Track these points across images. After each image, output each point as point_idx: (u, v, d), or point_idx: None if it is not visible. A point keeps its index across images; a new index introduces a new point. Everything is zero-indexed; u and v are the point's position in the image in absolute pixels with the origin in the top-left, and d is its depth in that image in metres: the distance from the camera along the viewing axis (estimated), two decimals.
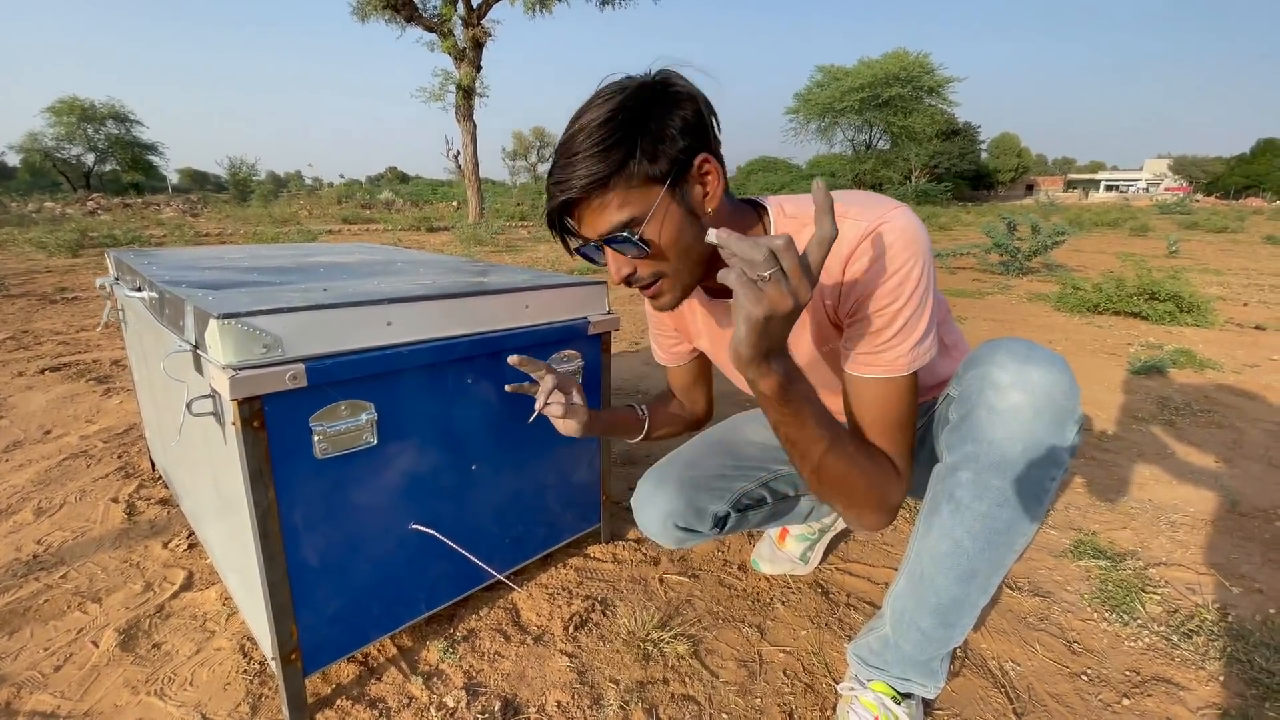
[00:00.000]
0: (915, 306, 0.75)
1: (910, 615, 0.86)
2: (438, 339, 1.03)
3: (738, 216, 0.84)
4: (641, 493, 1.11)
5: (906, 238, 0.74)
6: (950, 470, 0.78)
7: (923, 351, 0.77)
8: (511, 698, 1.05)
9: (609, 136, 0.69)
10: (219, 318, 0.81)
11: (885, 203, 0.78)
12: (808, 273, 0.62)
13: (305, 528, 0.93)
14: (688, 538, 1.10)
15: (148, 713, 1.01)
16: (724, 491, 1.09)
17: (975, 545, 0.78)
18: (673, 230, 0.75)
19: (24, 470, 1.86)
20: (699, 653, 1.15)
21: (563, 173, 0.72)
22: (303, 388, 0.87)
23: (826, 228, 0.63)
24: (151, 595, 1.29)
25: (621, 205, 0.72)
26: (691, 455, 1.14)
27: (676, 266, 0.78)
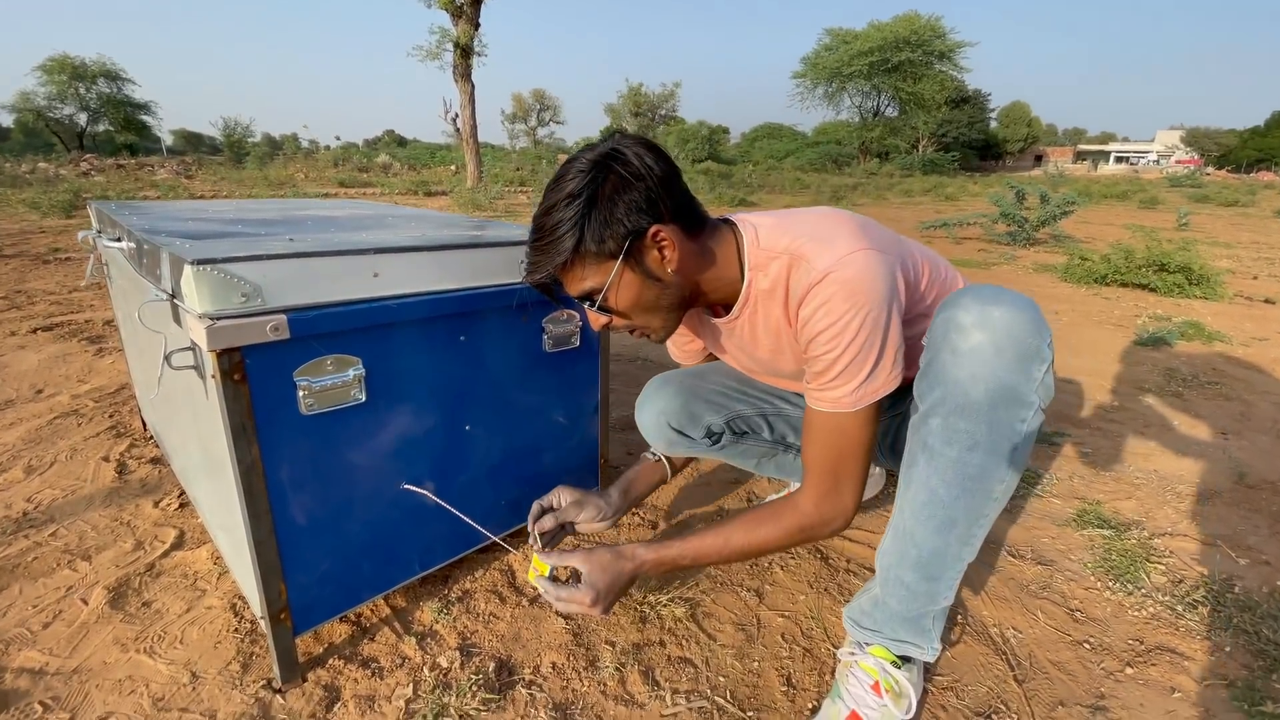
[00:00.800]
0: (855, 354, 0.79)
1: (895, 570, 0.85)
2: (429, 293, 0.98)
3: (705, 263, 0.88)
4: (645, 392, 1.20)
5: (849, 289, 0.78)
6: (922, 418, 0.79)
7: (872, 390, 0.81)
8: (506, 659, 1.03)
9: (563, 227, 0.78)
10: (194, 264, 0.76)
11: (844, 243, 0.80)
12: (600, 600, 0.90)
13: (292, 486, 0.90)
14: (679, 442, 1.15)
15: (137, 670, 0.99)
16: (721, 407, 1.14)
17: (950, 493, 0.77)
18: (632, 295, 0.84)
19: (14, 429, 1.83)
20: (696, 616, 1.13)
21: (532, 255, 0.83)
22: (285, 340, 0.83)
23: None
24: (142, 554, 1.28)
25: (584, 278, 0.82)
26: (700, 369, 1.21)
27: (645, 320, 0.88)
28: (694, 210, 0.86)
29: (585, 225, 0.78)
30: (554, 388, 1.26)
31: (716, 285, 0.90)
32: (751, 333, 0.95)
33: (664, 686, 0.99)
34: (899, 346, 0.82)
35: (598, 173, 0.78)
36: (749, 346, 0.99)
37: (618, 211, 0.78)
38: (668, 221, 0.81)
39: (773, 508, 0.93)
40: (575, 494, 1.10)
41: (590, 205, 0.78)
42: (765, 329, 0.93)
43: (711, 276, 0.89)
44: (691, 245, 0.86)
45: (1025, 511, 1.53)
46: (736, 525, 0.93)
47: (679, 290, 0.87)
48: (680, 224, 0.83)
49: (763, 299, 0.89)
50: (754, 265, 0.88)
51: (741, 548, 0.93)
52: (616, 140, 0.81)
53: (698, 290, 0.90)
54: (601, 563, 0.93)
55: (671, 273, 0.83)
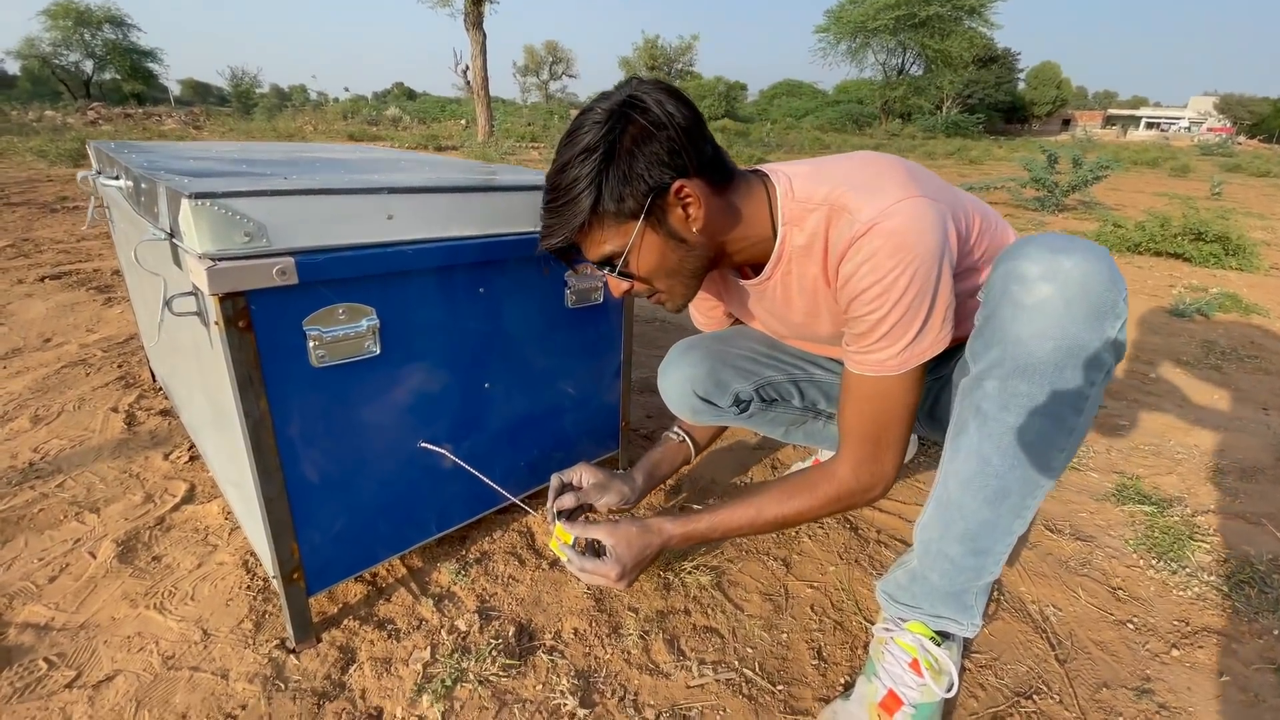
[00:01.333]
0: (902, 313, 0.72)
1: (937, 543, 0.79)
2: (446, 239, 0.91)
3: (733, 220, 0.81)
4: (669, 357, 1.12)
5: (896, 242, 0.70)
6: (975, 382, 0.71)
7: (918, 352, 0.75)
8: (526, 623, 1.00)
9: (579, 185, 0.72)
10: (192, 198, 0.69)
11: (890, 191, 0.73)
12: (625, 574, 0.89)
13: (303, 441, 0.85)
14: (705, 411, 1.09)
15: (146, 626, 0.97)
16: (750, 374, 1.07)
17: (1005, 462, 0.71)
18: (654, 258, 0.78)
19: (21, 377, 1.80)
20: (722, 584, 1.09)
21: (547, 218, 0.77)
22: (293, 285, 0.76)
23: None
24: (152, 507, 1.25)
25: (602, 241, 0.76)
26: (726, 334, 1.13)
27: (667, 284, 0.82)
28: (721, 162, 0.78)
29: (603, 182, 0.72)
30: (576, 346, 1.19)
31: (745, 244, 0.83)
32: (784, 294, 0.88)
33: (689, 656, 0.95)
34: (949, 305, 0.75)
35: (615, 123, 0.71)
36: (781, 310, 0.92)
37: (638, 166, 0.71)
38: (693, 175, 0.74)
39: (806, 477, 0.87)
40: (597, 475, 1.05)
41: (608, 160, 0.71)
42: (800, 289, 0.85)
43: (740, 235, 0.81)
44: (718, 201, 0.78)
45: (1062, 484, 1.47)
46: (768, 496, 0.88)
47: (705, 251, 0.80)
48: (706, 178, 0.76)
49: (798, 256, 0.81)
50: (788, 219, 0.80)
51: (774, 519, 0.87)
52: (634, 86, 0.73)
53: (724, 250, 0.83)
54: (627, 536, 0.89)
55: (697, 232, 0.76)
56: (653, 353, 2.19)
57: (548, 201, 0.76)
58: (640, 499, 1.11)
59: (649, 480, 1.11)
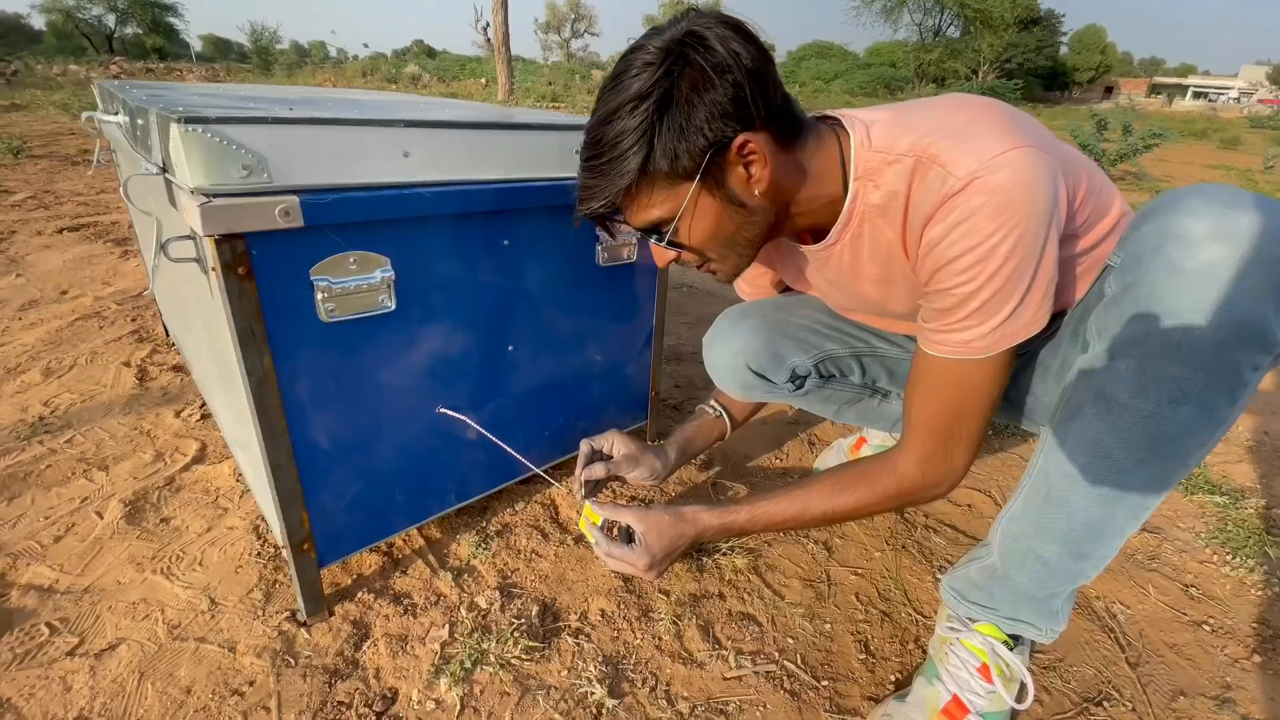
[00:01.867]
0: (999, 286, 0.61)
1: (1029, 542, 0.69)
2: (469, 181, 0.82)
3: (799, 180, 0.70)
4: (718, 326, 1.01)
5: (1001, 201, 0.59)
6: (1102, 359, 0.60)
7: (1011, 332, 0.64)
8: (550, 602, 0.93)
9: (627, 140, 0.62)
10: (182, 123, 0.60)
11: (993, 139, 0.60)
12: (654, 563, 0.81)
13: (313, 403, 0.78)
14: (757, 387, 0.99)
15: (152, 592, 0.92)
16: (810, 347, 0.97)
17: (1131, 456, 0.59)
18: (708, 226, 0.68)
19: (35, 329, 1.76)
20: (759, 568, 1.01)
21: (587, 178, 0.67)
22: (298, 229, 0.68)
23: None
24: (162, 466, 1.20)
25: (649, 205, 0.67)
26: (783, 300, 1.02)
27: (720, 253, 0.72)
28: (790, 112, 0.66)
29: (656, 137, 0.61)
30: (606, 308, 1.10)
31: (812, 206, 0.72)
32: (853, 262, 0.76)
33: (726, 645, 0.88)
34: (1051, 279, 0.64)
35: (671, 65, 0.60)
36: (847, 279, 0.80)
37: (697, 117, 0.61)
38: (759, 129, 0.63)
39: (862, 469, 0.78)
40: (629, 445, 0.97)
41: (662, 109, 0.61)
42: (872, 256, 0.74)
43: (807, 195, 0.70)
44: (785, 158, 0.67)
45: None
46: (817, 488, 0.79)
47: (766, 216, 0.69)
48: (773, 131, 0.65)
49: (871, 217, 0.70)
50: (863, 173, 0.68)
51: (822, 514, 0.78)
52: (693, 19, 0.61)
53: (787, 214, 0.72)
54: (659, 525, 0.81)
55: (759, 195, 0.66)
56: (680, 319, 2.10)
57: (588, 159, 0.66)
58: (670, 474, 1.03)
59: (681, 455, 1.03)
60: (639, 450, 0.96)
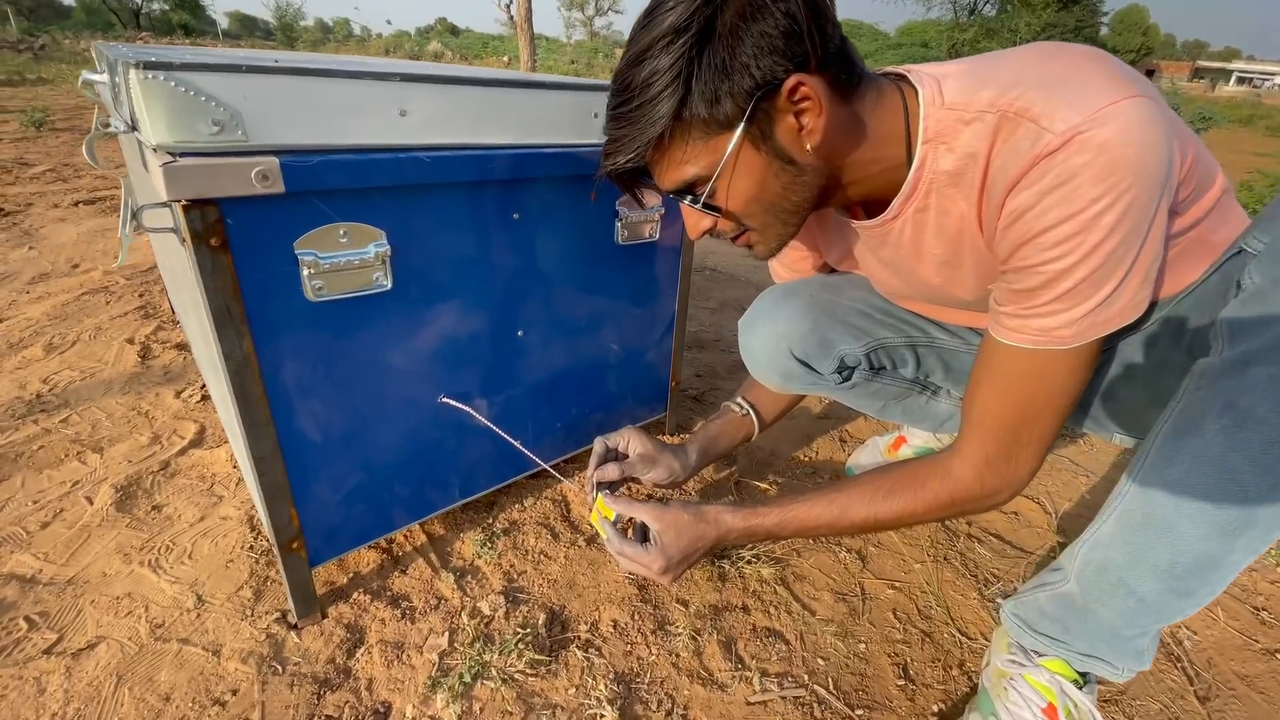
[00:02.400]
0: (1099, 264, 0.52)
1: (1121, 573, 0.59)
2: (475, 146, 0.73)
3: (857, 137, 0.60)
4: (759, 306, 0.90)
5: (1109, 160, 0.49)
6: (1234, 367, 0.50)
7: (1104, 319, 0.55)
8: (559, 610, 0.86)
9: (659, 81, 0.54)
10: (141, 69, 0.52)
11: (1097, 88, 0.50)
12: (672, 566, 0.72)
13: (299, 390, 0.70)
14: (800, 376, 0.89)
15: (138, 586, 0.86)
16: (862, 334, 0.86)
17: (1265, 481, 0.49)
18: (751, 185, 0.59)
19: (43, 303, 1.72)
20: (786, 579, 0.93)
21: (613, 128, 0.59)
22: (279, 195, 0.60)
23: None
24: (158, 449, 1.14)
25: (683, 160, 0.58)
26: (830, 280, 0.91)
27: (762, 221, 0.63)
28: (848, 56, 0.57)
29: (694, 76, 0.53)
30: (625, 290, 1.01)
31: (869, 171, 0.62)
32: (914, 240, 0.66)
33: (749, 665, 0.80)
34: (1155, 258, 0.54)
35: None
36: (906, 261, 0.70)
37: (743, 52, 0.52)
38: (813, 71, 0.54)
39: (910, 471, 0.69)
40: (646, 444, 0.88)
41: (702, 43, 0.52)
42: (938, 233, 0.64)
43: (864, 158, 0.61)
44: (843, 110, 0.58)
45: None
46: (858, 490, 0.70)
47: (816, 177, 0.60)
48: (830, 75, 0.55)
49: (941, 186, 0.60)
50: (933, 135, 0.58)
51: (863, 520, 0.70)
52: None
53: (839, 179, 0.63)
54: (677, 524, 0.72)
55: (811, 150, 0.57)
56: (703, 305, 2.00)
57: (615, 106, 0.58)
58: (690, 476, 0.94)
59: (703, 456, 0.94)
60: (656, 450, 0.88)
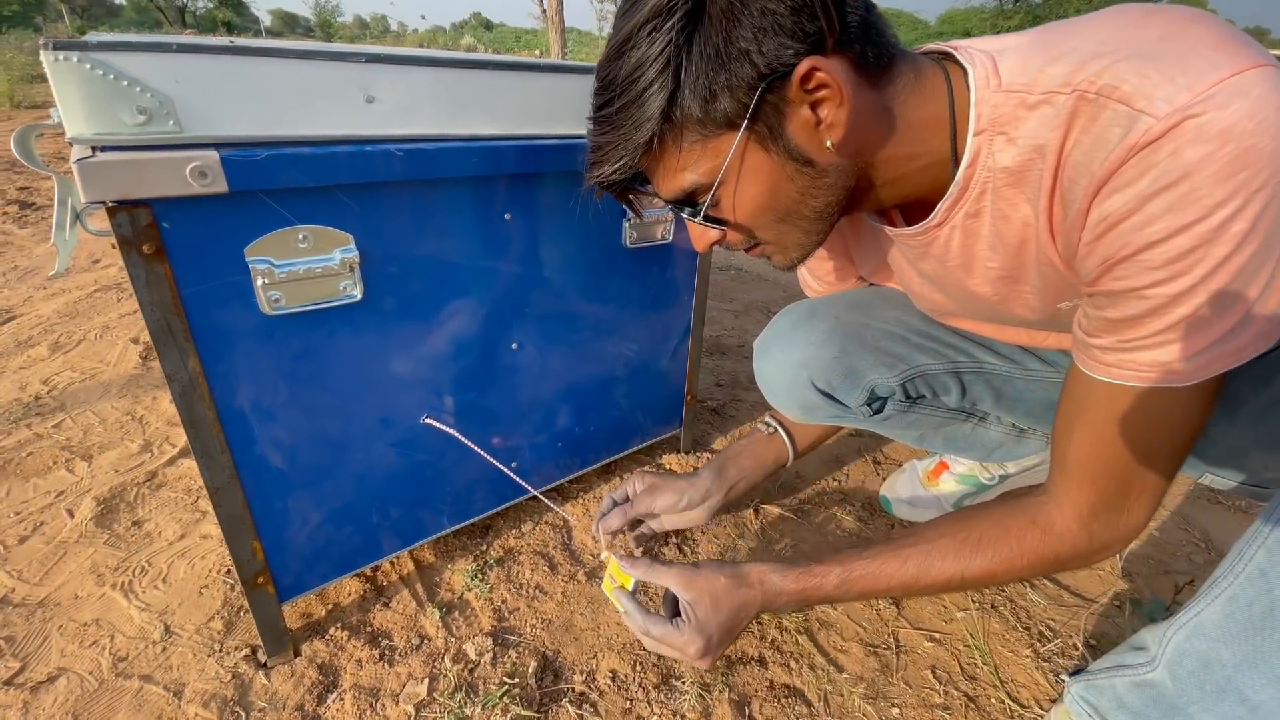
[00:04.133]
0: (1223, 284, 0.40)
1: (1233, 675, 0.47)
2: (456, 137, 0.64)
3: (887, 130, 0.50)
4: (776, 328, 0.80)
5: (1234, 152, 0.37)
6: None
7: (1239, 345, 0.43)
8: (552, 656, 0.77)
9: (645, 76, 0.45)
10: (51, 49, 0.45)
11: (1211, 61, 0.38)
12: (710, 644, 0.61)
13: (258, 414, 0.63)
14: (822, 408, 0.78)
15: (107, 612, 0.81)
16: (897, 361, 0.74)
17: None
18: (760, 192, 0.50)
19: (56, 299, 1.71)
20: (810, 627, 0.83)
21: (597, 134, 0.50)
22: (223, 195, 0.52)
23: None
24: (147, 458, 1.09)
25: (679, 167, 0.50)
26: (861, 297, 0.80)
27: (777, 232, 0.54)
28: (875, 29, 0.47)
29: (683, 68, 0.44)
30: (634, 297, 0.92)
31: (904, 170, 0.52)
32: (964, 250, 0.55)
33: None
34: None
35: None
36: (953, 274, 0.59)
37: (740, 36, 0.43)
38: (831, 51, 0.44)
39: (997, 521, 0.58)
40: (650, 477, 0.79)
41: (690, 27, 0.44)
42: (994, 242, 0.53)
43: (898, 155, 0.51)
44: (870, 97, 0.48)
45: None
46: (939, 546, 0.59)
47: (840, 179, 0.50)
48: (852, 56, 0.45)
49: (998, 187, 0.49)
50: (987, 123, 0.47)
51: (947, 580, 0.58)
52: None
53: (870, 180, 0.52)
54: (713, 590, 0.61)
55: (832, 148, 0.47)
56: (724, 306, 1.89)
57: (597, 108, 0.50)
58: (712, 506, 0.82)
59: (721, 479, 0.83)
60: (658, 479, 0.79)
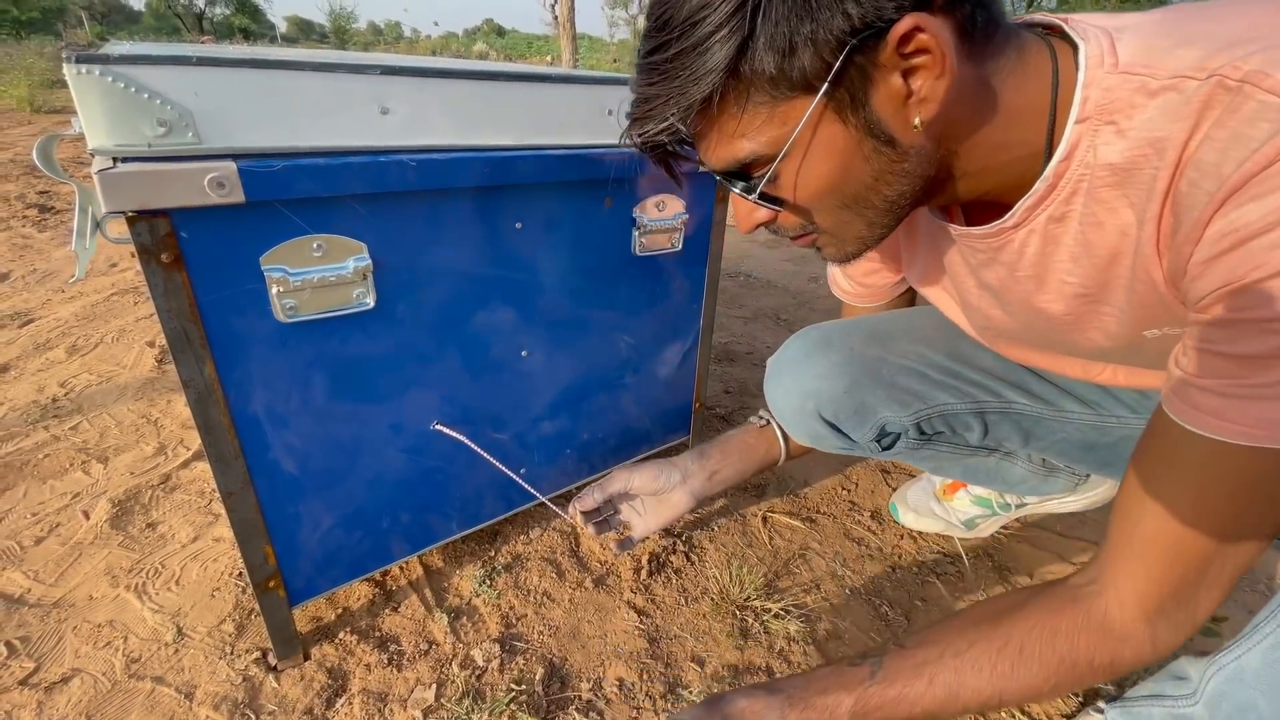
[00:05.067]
0: None
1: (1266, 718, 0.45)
2: (468, 147, 0.65)
3: (982, 111, 0.42)
4: (788, 353, 0.75)
5: None
6: None
7: None
8: (559, 663, 0.78)
9: (708, 22, 0.38)
10: (74, 62, 0.46)
11: None
12: None
13: (272, 419, 0.64)
14: (829, 439, 0.74)
15: (121, 613, 0.82)
16: (913, 399, 0.70)
17: None
18: (829, 171, 0.43)
19: (74, 303, 1.73)
20: (816, 636, 0.82)
21: (644, 83, 0.42)
22: (240, 205, 0.53)
23: None
24: (161, 460, 1.11)
25: (738, 132, 0.43)
26: (884, 323, 0.74)
27: (839, 221, 0.47)
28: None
29: (760, 14, 0.37)
30: (643, 305, 0.92)
31: (992, 161, 0.45)
32: (1041, 257, 0.48)
33: None
34: None
35: None
36: (1023, 285, 0.51)
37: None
38: (938, 9, 0.38)
39: (1044, 621, 0.47)
40: (627, 465, 0.78)
41: None
42: (1080, 251, 0.46)
43: (989, 142, 0.44)
44: (971, 70, 0.41)
45: None
46: (969, 659, 0.48)
47: (921, 165, 0.44)
48: (960, 17, 0.39)
49: (1096, 186, 0.42)
50: (1095, 109, 0.40)
51: (983, 702, 0.48)
52: None
53: (949, 170, 0.46)
54: None
55: (920, 125, 0.40)
56: (734, 313, 1.89)
57: (648, 52, 0.42)
58: (694, 490, 0.77)
59: (703, 464, 0.78)
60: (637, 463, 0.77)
